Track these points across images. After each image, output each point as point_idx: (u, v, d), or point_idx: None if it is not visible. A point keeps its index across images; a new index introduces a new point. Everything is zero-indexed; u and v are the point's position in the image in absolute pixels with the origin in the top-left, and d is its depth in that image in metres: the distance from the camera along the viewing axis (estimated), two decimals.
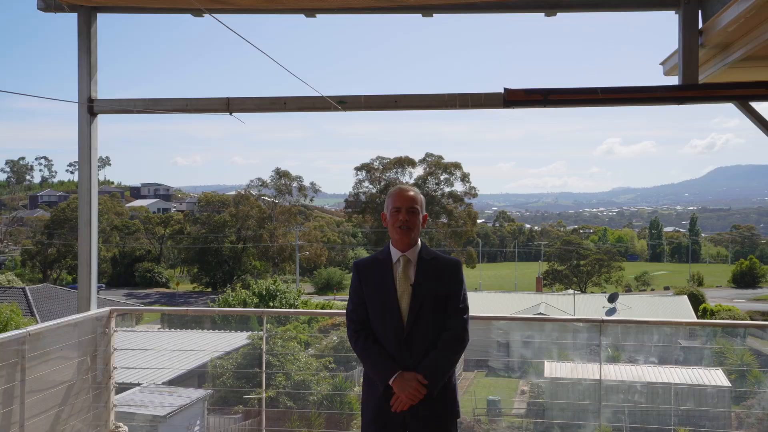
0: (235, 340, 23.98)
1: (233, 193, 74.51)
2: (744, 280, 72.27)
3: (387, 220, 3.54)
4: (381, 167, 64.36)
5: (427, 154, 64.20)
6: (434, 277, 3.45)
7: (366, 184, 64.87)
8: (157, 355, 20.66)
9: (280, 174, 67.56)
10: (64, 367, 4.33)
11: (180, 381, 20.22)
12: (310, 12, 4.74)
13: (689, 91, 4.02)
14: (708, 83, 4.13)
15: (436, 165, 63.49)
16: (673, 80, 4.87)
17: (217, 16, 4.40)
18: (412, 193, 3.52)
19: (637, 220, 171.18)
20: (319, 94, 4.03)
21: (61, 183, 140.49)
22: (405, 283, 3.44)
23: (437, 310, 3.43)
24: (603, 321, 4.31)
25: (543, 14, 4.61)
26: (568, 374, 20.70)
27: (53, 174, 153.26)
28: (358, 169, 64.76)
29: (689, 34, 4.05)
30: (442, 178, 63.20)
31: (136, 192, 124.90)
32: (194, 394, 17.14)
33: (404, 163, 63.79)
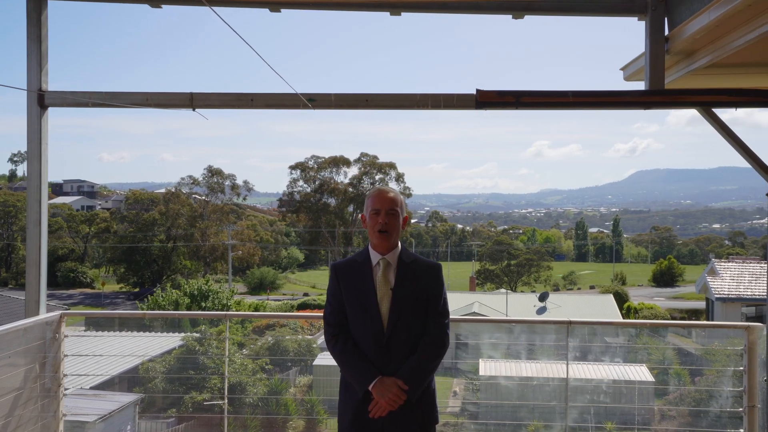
0: (167, 342, 23.30)
1: (163, 190, 72.53)
2: (663, 279, 75.58)
3: (366, 223, 3.47)
4: (316, 166, 64.02)
5: (362, 154, 64.31)
6: (414, 280, 3.40)
7: (300, 183, 64.42)
8: (87, 359, 19.82)
9: (213, 172, 66.21)
10: (12, 375, 4.05)
11: (109, 385, 19.47)
12: (275, 6, 4.60)
13: (656, 96, 4.12)
14: (673, 89, 4.24)
15: (371, 165, 63.63)
16: (633, 85, 5.00)
17: (181, 7, 4.23)
18: (392, 194, 3.45)
19: (564, 220, 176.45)
20: (294, 92, 3.91)
21: None
22: (385, 286, 3.38)
23: (417, 314, 3.37)
24: (571, 322, 4.37)
25: (510, 16, 4.63)
26: (502, 373, 21.03)
27: None
28: (292, 168, 64.23)
29: (656, 41, 4.15)
30: (377, 177, 63.37)
31: (58, 189, 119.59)
32: (125, 398, 16.56)
33: (339, 162, 63.67)
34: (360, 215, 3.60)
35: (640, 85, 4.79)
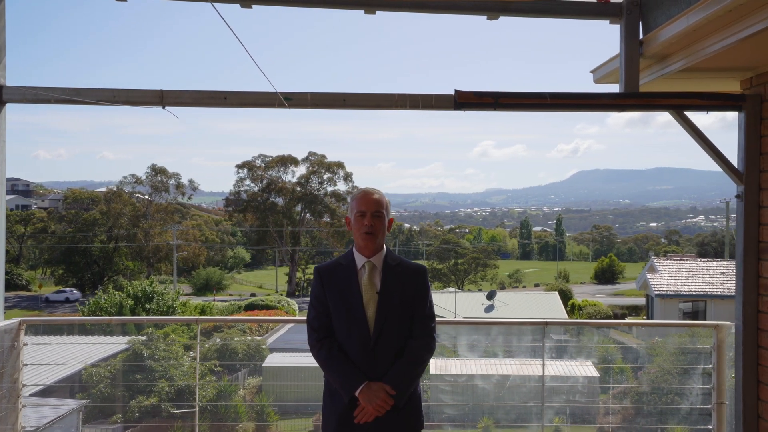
0: (111, 346, 22.60)
1: (104, 189, 70.41)
2: (604, 276, 77.77)
3: (351, 225, 3.40)
4: (263, 165, 63.26)
5: (310, 153, 63.88)
6: (400, 283, 3.34)
7: (247, 182, 63.56)
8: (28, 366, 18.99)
9: (156, 170, 64.61)
10: None
11: (51, 392, 18.75)
12: (246, 2, 4.48)
13: (630, 99, 4.18)
14: (648, 92, 4.31)
15: (319, 164, 63.26)
16: (604, 88, 5.06)
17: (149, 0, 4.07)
18: (377, 196, 3.38)
19: (509, 219, 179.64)
20: (273, 90, 3.80)
21: None
22: (371, 290, 3.31)
23: (404, 317, 3.32)
24: (547, 323, 4.39)
25: (485, 17, 4.62)
26: (451, 371, 21.11)
27: None
28: (239, 167, 63.31)
29: (631, 44, 4.20)
30: (325, 177, 63.05)
31: None
32: (68, 404, 15.99)
33: (287, 161, 63.10)
34: (345, 218, 3.53)
35: (611, 88, 4.85)
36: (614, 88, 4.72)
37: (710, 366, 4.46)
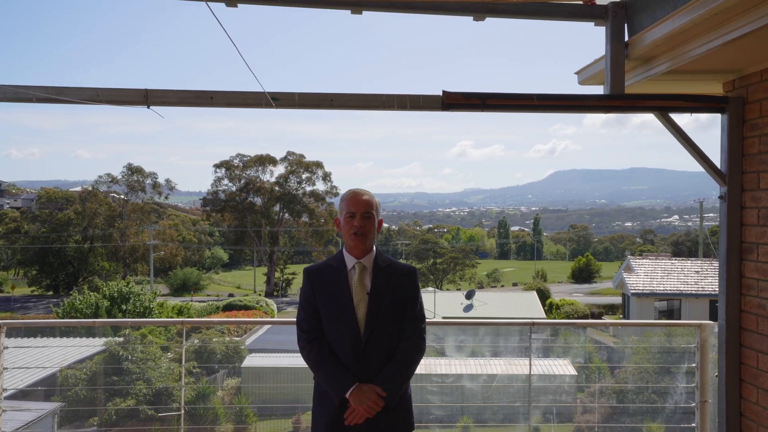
0: (87, 349, 22.29)
1: (79, 189, 69.40)
2: (582, 275, 78.40)
3: (341, 226, 3.38)
4: (241, 165, 62.86)
5: (289, 153, 63.59)
6: (390, 284, 3.34)
7: (225, 182, 63.11)
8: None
9: (133, 170, 63.87)
10: None
11: (23, 395, 18.46)
12: (231, 1, 4.44)
13: (616, 100, 4.21)
14: (633, 94, 4.35)
15: (297, 164, 63.01)
16: (589, 89, 5.10)
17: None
18: (366, 197, 3.38)
19: (487, 219, 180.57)
20: (261, 90, 3.77)
21: None
22: (361, 291, 3.30)
23: (394, 318, 3.32)
24: (534, 323, 4.42)
25: (471, 18, 4.63)
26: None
27: None
28: (217, 166, 62.85)
29: (617, 46, 4.24)
30: (303, 177, 62.81)
31: None
32: (44, 407, 15.76)
33: (265, 161, 62.76)
34: (335, 219, 3.52)
35: (596, 89, 4.89)
36: (599, 90, 4.76)
37: (693, 365, 4.51)
